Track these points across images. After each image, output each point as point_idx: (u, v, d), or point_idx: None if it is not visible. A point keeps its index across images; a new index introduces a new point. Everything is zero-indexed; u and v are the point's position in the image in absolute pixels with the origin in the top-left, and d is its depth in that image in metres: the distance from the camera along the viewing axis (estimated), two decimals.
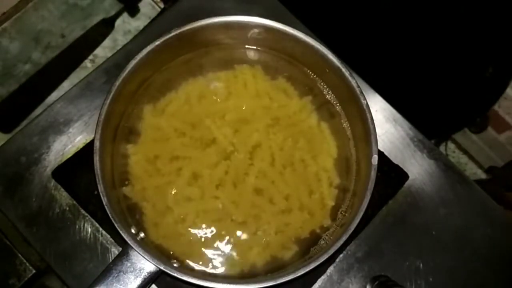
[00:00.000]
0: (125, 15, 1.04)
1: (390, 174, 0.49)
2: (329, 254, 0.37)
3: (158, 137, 0.45)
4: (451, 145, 1.08)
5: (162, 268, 0.36)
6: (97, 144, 0.39)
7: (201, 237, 0.42)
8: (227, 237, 0.42)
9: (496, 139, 0.95)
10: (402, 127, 0.51)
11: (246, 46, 0.48)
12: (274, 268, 0.41)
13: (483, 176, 1.05)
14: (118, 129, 0.44)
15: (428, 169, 0.50)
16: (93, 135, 0.40)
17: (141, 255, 0.36)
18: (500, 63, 0.70)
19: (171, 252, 0.41)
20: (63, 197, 0.46)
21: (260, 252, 0.42)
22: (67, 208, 0.46)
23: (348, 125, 0.46)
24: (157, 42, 0.42)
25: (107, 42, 1.02)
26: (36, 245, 0.45)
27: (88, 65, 1.00)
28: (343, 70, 0.42)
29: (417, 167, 0.50)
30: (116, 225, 0.36)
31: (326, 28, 0.54)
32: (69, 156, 0.47)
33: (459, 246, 0.48)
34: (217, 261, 0.41)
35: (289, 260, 0.42)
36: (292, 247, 0.42)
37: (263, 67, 0.48)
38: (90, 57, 1.00)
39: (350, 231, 0.38)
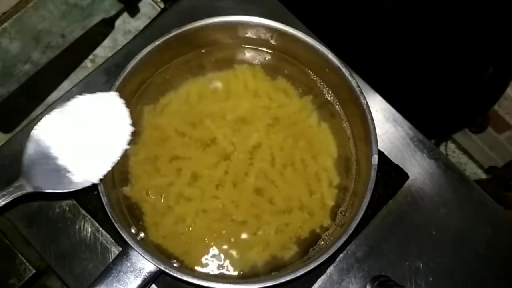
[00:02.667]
0: (125, 15, 1.04)
1: (390, 174, 0.49)
2: (329, 254, 0.37)
3: (158, 137, 0.45)
4: (451, 145, 1.08)
5: (162, 268, 0.36)
6: None
7: (201, 237, 0.42)
8: (227, 237, 0.42)
9: (496, 139, 0.95)
10: (402, 127, 0.51)
11: (246, 46, 0.48)
12: (274, 268, 0.41)
13: (483, 176, 1.05)
14: None
15: (428, 169, 0.50)
16: None
17: (141, 255, 0.36)
18: (500, 63, 0.70)
19: (171, 252, 0.41)
20: None
21: (260, 252, 0.42)
22: (67, 208, 0.46)
23: (348, 125, 0.46)
24: (157, 42, 0.42)
25: (107, 42, 1.02)
26: (36, 245, 0.45)
27: (88, 65, 1.00)
28: (343, 70, 0.42)
29: (417, 167, 0.50)
30: (116, 225, 0.36)
31: (326, 28, 0.54)
32: None
33: (459, 246, 0.48)
34: (217, 261, 0.42)
35: (289, 260, 0.42)
36: (292, 247, 0.42)
37: (263, 67, 0.48)
38: (90, 57, 1.00)
39: (350, 231, 0.38)
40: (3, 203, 0.33)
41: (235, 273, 0.41)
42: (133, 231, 0.40)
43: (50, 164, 0.35)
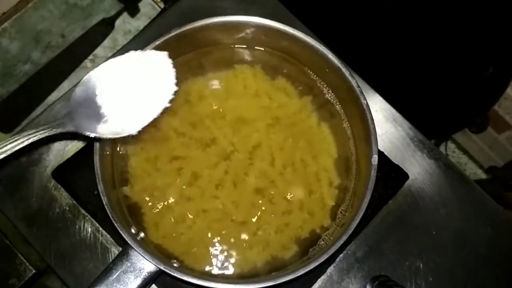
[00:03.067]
0: (125, 15, 1.04)
1: (390, 174, 0.49)
2: (329, 254, 0.37)
3: (158, 137, 0.44)
4: (451, 145, 1.08)
5: (162, 268, 0.36)
6: (97, 144, 0.39)
7: (201, 237, 0.42)
8: (227, 237, 0.42)
9: (496, 139, 0.95)
10: (402, 127, 0.51)
11: (246, 46, 0.48)
12: (274, 268, 0.41)
13: (483, 176, 1.05)
14: None
15: (428, 169, 0.50)
16: None
17: (141, 255, 0.36)
18: (500, 63, 0.70)
19: (171, 252, 0.41)
20: (63, 197, 0.46)
21: (260, 252, 0.42)
22: (67, 208, 0.46)
23: (348, 125, 0.46)
24: (157, 42, 0.42)
25: (107, 42, 1.02)
26: (36, 245, 0.45)
27: (88, 65, 1.00)
28: (343, 70, 0.42)
29: (417, 167, 0.50)
30: (116, 225, 0.36)
31: (326, 28, 0.54)
32: (69, 156, 0.47)
33: (459, 246, 0.48)
34: (217, 261, 0.42)
35: (289, 260, 0.42)
36: (292, 247, 0.42)
37: (263, 67, 0.48)
38: (90, 57, 1.00)
39: (350, 231, 0.38)
40: (42, 136, 0.35)
41: (235, 273, 0.41)
42: (133, 231, 0.40)
43: (93, 110, 0.37)
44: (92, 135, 0.37)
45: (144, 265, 0.37)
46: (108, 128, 0.37)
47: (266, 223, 0.43)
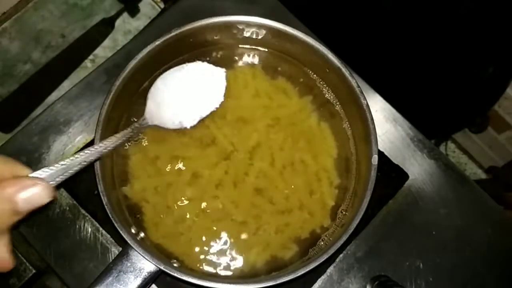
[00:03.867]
0: (125, 15, 1.04)
1: (390, 174, 0.49)
2: (329, 254, 0.37)
3: (158, 137, 0.44)
4: (451, 145, 1.08)
5: (162, 268, 0.36)
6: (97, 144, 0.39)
7: (201, 237, 0.42)
8: (227, 237, 0.42)
9: (496, 139, 0.95)
10: (402, 127, 0.51)
11: (246, 46, 0.48)
12: (274, 268, 0.41)
13: (483, 176, 1.05)
14: (118, 129, 0.44)
15: (428, 169, 0.50)
16: (93, 135, 0.40)
17: (141, 255, 0.36)
18: (500, 63, 0.70)
19: (171, 252, 0.41)
20: (63, 197, 0.46)
21: (260, 252, 0.42)
22: (67, 208, 0.46)
23: (348, 125, 0.46)
24: (157, 42, 0.42)
25: (107, 42, 1.02)
26: (36, 245, 0.45)
27: (88, 65, 1.00)
28: (343, 70, 0.42)
29: (417, 167, 0.50)
30: (116, 225, 0.36)
31: (326, 28, 0.54)
32: (69, 156, 0.47)
33: (459, 246, 0.48)
34: (217, 261, 0.41)
35: (289, 260, 0.42)
36: (292, 247, 0.42)
37: (263, 67, 0.48)
38: (90, 57, 1.01)
39: (350, 231, 0.38)
40: (135, 131, 0.41)
41: (235, 273, 0.41)
42: (133, 231, 0.40)
43: (164, 106, 0.43)
44: (166, 126, 0.43)
45: (144, 265, 0.37)
46: (171, 121, 0.44)
47: (266, 223, 0.43)
